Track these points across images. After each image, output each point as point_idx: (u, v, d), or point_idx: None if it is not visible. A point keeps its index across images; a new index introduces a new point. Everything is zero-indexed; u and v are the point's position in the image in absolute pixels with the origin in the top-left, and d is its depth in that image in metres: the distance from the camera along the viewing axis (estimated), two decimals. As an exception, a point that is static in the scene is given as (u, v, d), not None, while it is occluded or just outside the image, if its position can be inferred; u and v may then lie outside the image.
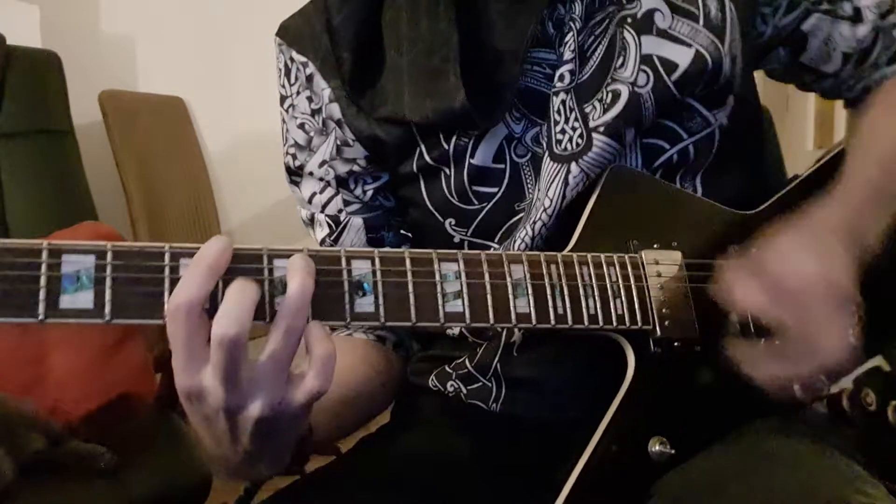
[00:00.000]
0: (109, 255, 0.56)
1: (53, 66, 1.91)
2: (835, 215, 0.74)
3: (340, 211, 0.87)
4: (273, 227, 2.68)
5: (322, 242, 0.88)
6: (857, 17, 0.86)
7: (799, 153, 2.79)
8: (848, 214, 0.74)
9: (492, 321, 0.65)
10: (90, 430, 1.38)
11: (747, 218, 0.83)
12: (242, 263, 0.58)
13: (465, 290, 0.65)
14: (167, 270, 0.57)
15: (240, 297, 0.55)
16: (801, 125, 2.81)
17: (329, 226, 0.88)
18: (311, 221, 0.90)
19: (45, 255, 0.54)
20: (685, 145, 0.82)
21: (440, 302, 0.64)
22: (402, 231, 0.90)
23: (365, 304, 0.62)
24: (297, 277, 0.57)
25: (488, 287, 0.66)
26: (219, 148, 2.89)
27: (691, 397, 0.75)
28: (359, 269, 0.62)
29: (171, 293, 0.56)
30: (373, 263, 0.62)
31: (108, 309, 0.55)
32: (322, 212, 0.88)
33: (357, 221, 0.87)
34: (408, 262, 0.64)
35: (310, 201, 0.88)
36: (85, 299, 0.55)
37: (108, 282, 0.55)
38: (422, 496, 0.77)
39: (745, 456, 0.70)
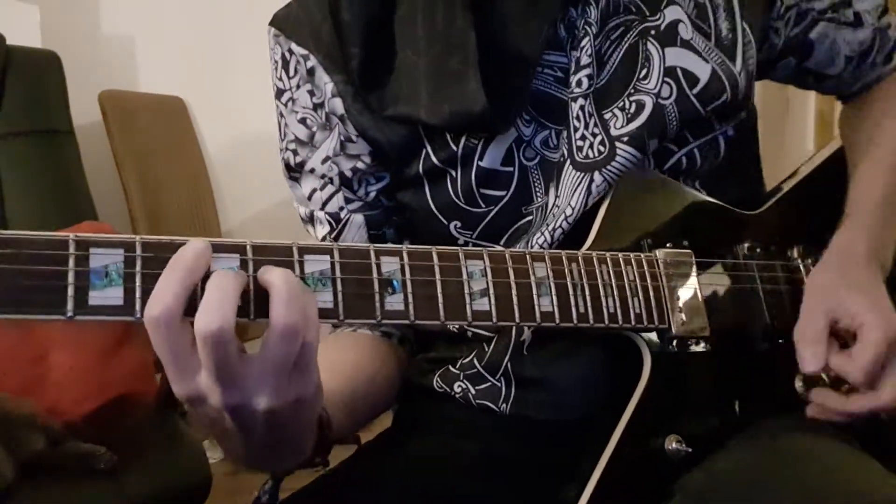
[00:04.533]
0: (139, 248, 0.53)
1: (53, 66, 1.91)
2: (858, 244, 0.79)
3: (342, 208, 0.85)
4: (273, 227, 2.68)
5: (322, 240, 0.86)
6: (857, 21, 0.90)
7: (799, 153, 2.79)
8: (867, 239, 0.79)
9: (517, 320, 0.65)
10: (90, 430, 1.38)
11: (752, 217, 0.85)
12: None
13: (491, 288, 0.64)
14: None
15: (219, 291, 0.52)
16: (801, 125, 2.81)
17: (329, 223, 0.86)
18: (311, 219, 0.87)
19: (72, 247, 0.52)
20: (690, 149, 0.83)
21: (468, 300, 0.63)
22: (404, 230, 0.89)
23: (394, 302, 0.60)
24: (276, 271, 0.54)
25: (513, 285, 0.65)
26: (219, 148, 2.89)
27: (704, 396, 0.76)
28: (387, 265, 0.61)
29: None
30: (401, 259, 0.61)
31: (138, 306, 0.53)
32: (322, 209, 0.86)
33: (358, 219, 0.85)
34: (435, 257, 0.63)
35: (309, 198, 0.86)
36: (114, 295, 0.52)
37: (139, 278, 0.53)
38: (431, 501, 0.77)
39: (774, 454, 0.71)
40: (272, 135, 0.87)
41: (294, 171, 0.86)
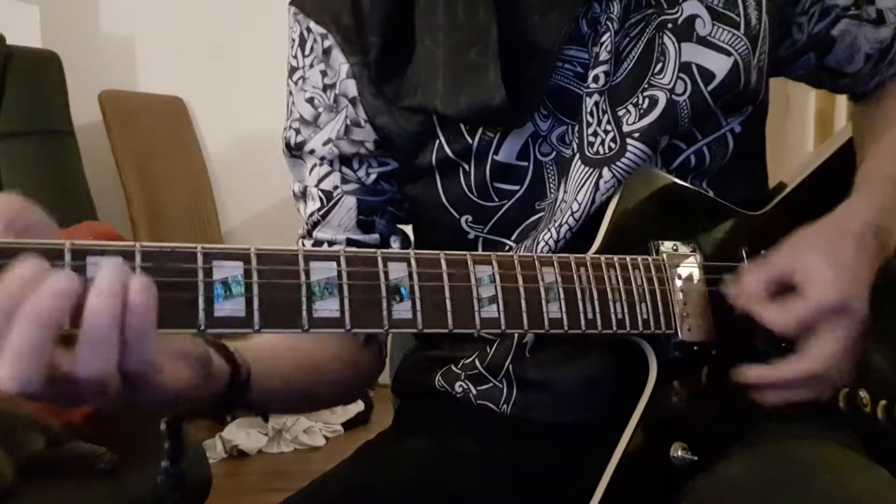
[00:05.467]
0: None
1: (53, 66, 1.91)
2: (859, 217, 0.76)
3: (336, 188, 0.83)
4: (273, 226, 2.68)
5: (310, 217, 0.84)
6: (880, 19, 0.88)
7: (799, 153, 2.79)
8: (872, 214, 0.76)
9: (526, 327, 0.64)
10: (90, 430, 1.38)
11: (758, 218, 0.83)
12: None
13: (500, 294, 0.63)
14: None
15: (27, 341, 0.46)
16: (801, 125, 2.81)
17: (321, 200, 0.83)
18: (303, 195, 0.85)
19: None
20: (699, 146, 0.82)
21: (476, 307, 0.62)
22: (397, 224, 0.87)
23: (402, 310, 0.59)
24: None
25: (522, 291, 0.64)
26: (219, 148, 2.89)
27: (710, 402, 0.75)
28: (395, 272, 0.59)
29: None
30: (409, 265, 0.60)
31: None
32: (317, 185, 0.84)
33: (350, 201, 0.83)
34: (443, 264, 0.61)
35: (308, 175, 0.85)
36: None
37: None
38: (431, 500, 0.77)
39: (781, 462, 0.70)
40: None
41: (294, 150, 0.84)
